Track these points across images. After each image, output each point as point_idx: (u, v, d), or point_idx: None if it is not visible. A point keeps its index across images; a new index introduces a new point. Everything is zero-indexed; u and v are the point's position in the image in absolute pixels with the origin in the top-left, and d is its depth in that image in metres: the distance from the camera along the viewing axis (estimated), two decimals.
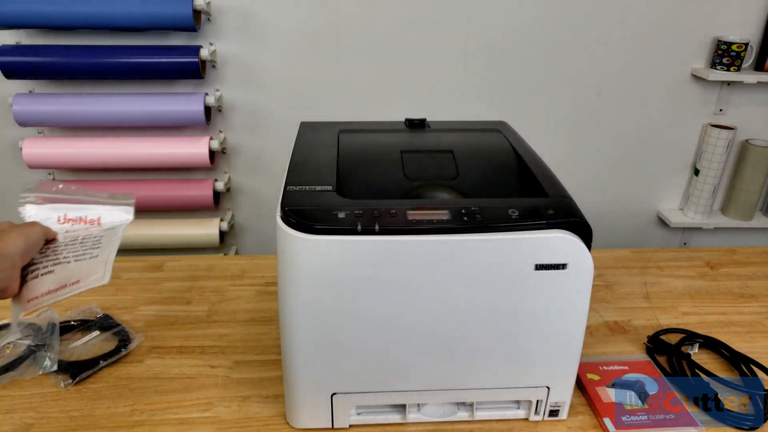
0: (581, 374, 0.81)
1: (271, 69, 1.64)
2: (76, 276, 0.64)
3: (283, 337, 0.70)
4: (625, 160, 1.80)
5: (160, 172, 1.74)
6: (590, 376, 0.83)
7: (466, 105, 1.70)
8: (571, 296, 0.67)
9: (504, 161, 0.84)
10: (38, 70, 1.55)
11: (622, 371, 0.84)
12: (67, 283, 0.63)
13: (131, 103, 1.59)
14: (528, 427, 0.77)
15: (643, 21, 1.62)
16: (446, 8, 1.58)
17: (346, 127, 0.93)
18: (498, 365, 0.72)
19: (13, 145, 1.67)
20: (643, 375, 0.83)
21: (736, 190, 1.78)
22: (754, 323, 1.00)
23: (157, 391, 0.82)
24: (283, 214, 0.64)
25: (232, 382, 0.84)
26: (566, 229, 0.64)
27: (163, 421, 0.77)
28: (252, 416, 0.78)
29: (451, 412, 0.78)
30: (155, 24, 1.50)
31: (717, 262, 1.20)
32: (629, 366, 0.86)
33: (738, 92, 1.70)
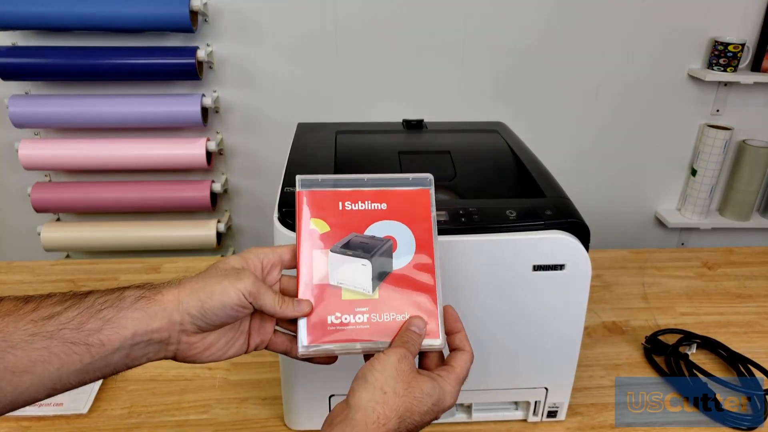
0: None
1: (269, 70, 1.63)
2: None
3: None
4: (623, 161, 1.80)
5: (157, 174, 1.73)
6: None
7: (463, 106, 1.70)
8: (569, 297, 0.67)
9: (501, 162, 0.84)
10: (34, 72, 1.55)
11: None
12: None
13: (128, 104, 1.58)
14: (526, 428, 0.77)
15: (639, 22, 1.62)
16: (444, 9, 1.58)
17: (343, 128, 0.93)
18: (496, 366, 0.72)
19: (9, 146, 1.67)
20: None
21: (734, 191, 1.79)
22: (751, 323, 1.00)
23: (155, 393, 0.82)
24: (281, 216, 0.64)
25: (229, 384, 0.84)
26: (564, 230, 0.64)
27: (160, 424, 0.77)
28: (250, 418, 0.78)
29: (449, 414, 0.78)
30: (152, 25, 1.49)
31: (714, 262, 1.20)
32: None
33: (735, 93, 1.71)
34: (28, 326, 0.42)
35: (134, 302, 0.45)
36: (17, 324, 0.42)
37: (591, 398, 0.82)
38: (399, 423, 0.45)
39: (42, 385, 0.43)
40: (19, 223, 1.78)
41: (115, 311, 0.45)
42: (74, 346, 0.43)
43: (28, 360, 0.41)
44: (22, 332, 0.42)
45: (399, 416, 0.45)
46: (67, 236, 1.69)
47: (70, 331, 0.43)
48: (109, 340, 0.44)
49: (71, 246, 1.72)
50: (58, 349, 0.42)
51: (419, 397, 0.46)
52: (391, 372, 0.46)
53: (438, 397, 0.47)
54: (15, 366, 0.41)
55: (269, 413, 0.79)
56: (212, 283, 0.47)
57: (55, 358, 0.42)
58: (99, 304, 0.45)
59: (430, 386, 0.47)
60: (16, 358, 0.41)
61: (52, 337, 0.42)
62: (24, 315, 0.43)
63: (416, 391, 0.46)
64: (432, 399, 0.47)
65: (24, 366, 0.41)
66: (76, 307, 0.44)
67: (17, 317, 0.43)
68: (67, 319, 0.43)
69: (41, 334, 0.42)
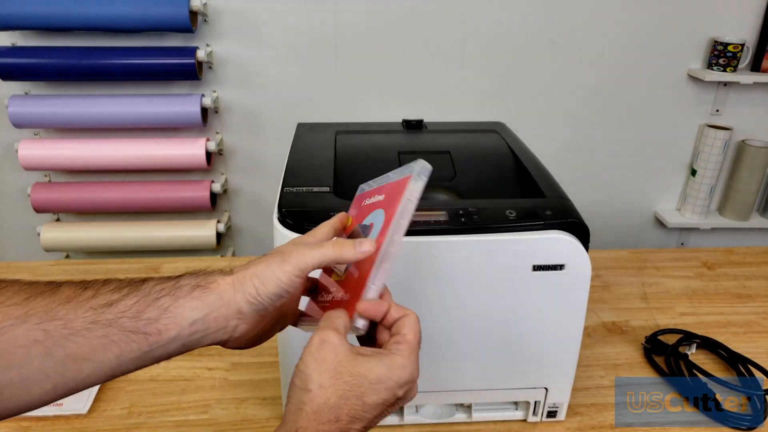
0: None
1: (268, 70, 1.63)
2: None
3: (280, 338, 0.70)
4: (622, 161, 1.80)
5: (156, 174, 1.73)
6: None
7: (463, 106, 1.70)
8: (569, 297, 0.67)
9: (501, 162, 0.84)
10: (34, 72, 1.54)
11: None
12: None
13: (127, 104, 1.58)
14: (526, 429, 0.77)
15: (639, 22, 1.62)
16: (443, 9, 1.58)
17: (343, 128, 0.93)
18: (496, 366, 0.72)
19: (8, 146, 1.67)
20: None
21: (733, 191, 1.79)
22: (751, 323, 1.00)
23: (155, 394, 0.82)
24: (280, 216, 0.64)
25: (229, 385, 0.84)
26: (563, 230, 0.64)
27: (160, 424, 0.77)
28: (249, 418, 0.78)
29: (448, 414, 0.78)
30: (151, 25, 1.49)
31: (714, 262, 1.20)
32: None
33: (734, 93, 1.71)
34: (88, 314, 0.43)
35: (191, 291, 0.46)
36: (77, 311, 0.43)
37: (591, 398, 0.82)
38: (333, 412, 0.42)
39: (102, 372, 0.43)
40: (19, 223, 1.78)
41: (172, 300, 0.45)
42: (132, 334, 0.44)
43: (88, 347, 0.42)
44: (83, 320, 0.43)
45: (330, 407, 0.42)
46: (67, 236, 1.69)
47: (129, 319, 0.44)
48: (167, 329, 0.44)
49: (71, 246, 1.72)
50: (117, 337, 0.43)
51: (351, 381, 0.43)
52: (312, 365, 0.43)
53: (385, 374, 0.44)
54: (76, 353, 0.42)
55: (269, 413, 0.79)
56: (263, 268, 0.47)
57: (114, 345, 0.43)
58: (156, 292, 0.45)
59: (366, 364, 0.44)
60: (77, 345, 0.42)
61: (111, 325, 0.43)
62: (83, 302, 0.43)
63: (345, 376, 0.43)
64: (373, 377, 0.44)
65: (84, 353, 0.42)
66: (133, 294, 0.45)
67: (77, 304, 0.43)
68: (126, 307, 0.44)
69: (101, 322, 0.43)
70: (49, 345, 0.41)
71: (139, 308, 0.44)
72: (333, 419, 0.42)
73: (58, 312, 0.42)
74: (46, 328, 0.42)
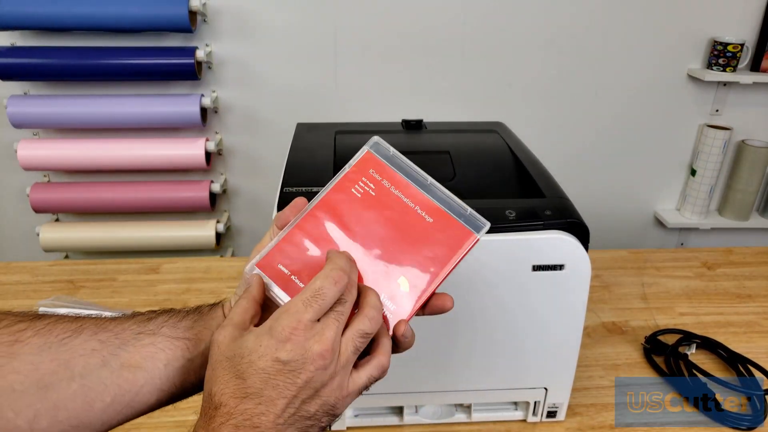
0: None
1: (268, 70, 1.63)
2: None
3: None
4: (622, 161, 1.80)
5: (156, 174, 1.73)
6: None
7: (462, 106, 1.70)
8: (569, 297, 0.67)
9: (501, 162, 0.84)
10: (33, 72, 1.54)
11: None
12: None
13: (127, 104, 1.58)
14: (526, 429, 0.77)
15: (639, 22, 1.62)
16: (443, 9, 1.58)
17: (342, 128, 0.93)
18: (495, 366, 0.72)
19: (8, 146, 1.67)
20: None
21: (733, 191, 1.79)
22: (751, 323, 1.00)
23: None
24: None
25: None
26: (563, 230, 0.64)
27: (159, 424, 0.76)
28: None
29: (448, 414, 0.78)
30: (151, 25, 1.49)
31: (714, 262, 1.20)
32: None
33: (734, 93, 1.71)
34: (133, 326, 0.47)
35: (209, 310, 0.50)
36: (123, 325, 0.47)
37: (590, 398, 0.82)
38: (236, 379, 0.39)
39: (153, 385, 0.46)
40: (18, 223, 1.78)
41: (198, 315, 0.50)
42: (175, 340, 0.47)
43: (139, 356, 0.45)
44: (129, 331, 0.46)
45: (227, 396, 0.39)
46: (66, 237, 1.69)
47: (169, 328, 0.47)
48: (202, 335, 0.48)
49: (70, 246, 1.72)
50: (162, 345, 0.46)
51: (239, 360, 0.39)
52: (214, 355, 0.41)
53: (254, 339, 0.40)
54: (130, 362, 0.45)
55: None
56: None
57: (161, 353, 0.46)
58: (183, 312, 0.50)
59: (245, 339, 0.40)
60: (129, 354, 0.45)
61: (155, 334, 0.47)
62: (125, 320, 0.48)
63: (223, 362, 0.40)
64: (248, 349, 0.40)
65: (137, 362, 0.45)
66: (166, 314, 0.49)
67: (120, 321, 0.47)
68: (163, 320, 0.48)
69: (146, 332, 0.47)
70: (106, 354, 0.44)
71: (174, 320, 0.48)
72: (213, 406, 0.39)
73: (107, 326, 0.46)
74: (101, 338, 0.45)
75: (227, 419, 0.38)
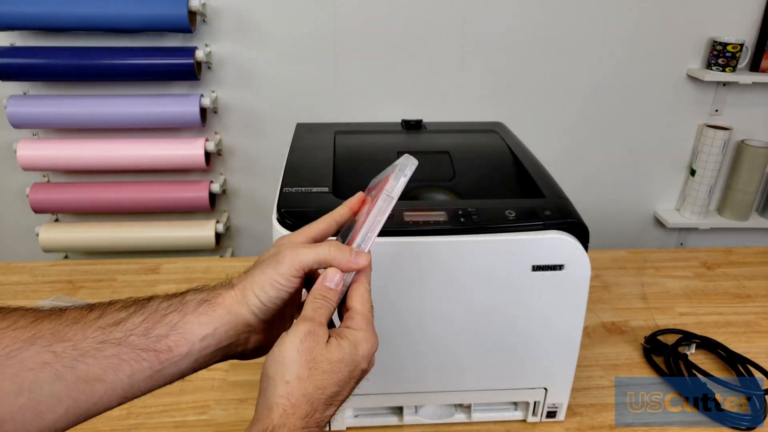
0: None
1: (267, 70, 1.63)
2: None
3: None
4: (622, 161, 1.80)
5: (155, 174, 1.73)
6: None
7: (462, 106, 1.70)
8: (568, 297, 0.67)
9: (500, 162, 0.84)
10: (33, 72, 1.54)
11: None
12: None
13: (126, 104, 1.58)
14: (525, 429, 0.77)
15: (638, 22, 1.62)
16: (442, 9, 1.58)
17: (342, 129, 0.92)
18: (495, 366, 0.72)
19: (7, 147, 1.66)
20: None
21: (732, 191, 1.79)
22: (750, 323, 1.00)
23: (153, 394, 0.81)
24: (279, 216, 0.64)
25: (228, 385, 0.84)
26: (563, 230, 0.64)
27: (159, 425, 0.76)
28: (249, 419, 0.77)
29: (448, 414, 0.78)
30: (150, 25, 1.49)
31: (714, 262, 1.20)
32: None
33: (733, 93, 1.71)
34: (96, 333, 0.42)
35: (197, 306, 0.46)
36: (85, 332, 0.42)
37: (590, 398, 0.82)
38: (310, 404, 0.42)
39: (114, 394, 0.43)
40: (18, 223, 1.78)
41: (179, 316, 0.45)
42: (143, 352, 0.43)
43: (99, 368, 0.42)
44: (91, 340, 0.42)
45: (309, 399, 0.41)
46: (66, 237, 1.69)
47: (138, 337, 0.43)
48: (177, 346, 0.44)
49: (70, 247, 1.72)
50: (127, 356, 0.43)
51: (329, 369, 0.42)
52: (293, 357, 0.42)
53: (350, 354, 0.43)
54: (87, 374, 0.41)
55: None
56: (258, 274, 0.47)
57: (125, 365, 0.42)
58: (163, 309, 0.45)
59: (338, 350, 0.43)
60: (87, 366, 0.41)
61: (120, 344, 0.43)
62: (90, 322, 0.43)
63: (324, 364, 0.42)
64: (344, 361, 0.43)
65: (96, 374, 0.42)
66: (140, 312, 0.44)
67: (84, 325, 0.43)
68: (134, 325, 0.43)
69: (110, 342, 0.42)
70: (59, 367, 0.41)
71: (147, 326, 0.44)
72: (310, 412, 0.41)
73: (66, 333, 0.42)
74: (55, 350, 0.41)
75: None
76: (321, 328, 0.44)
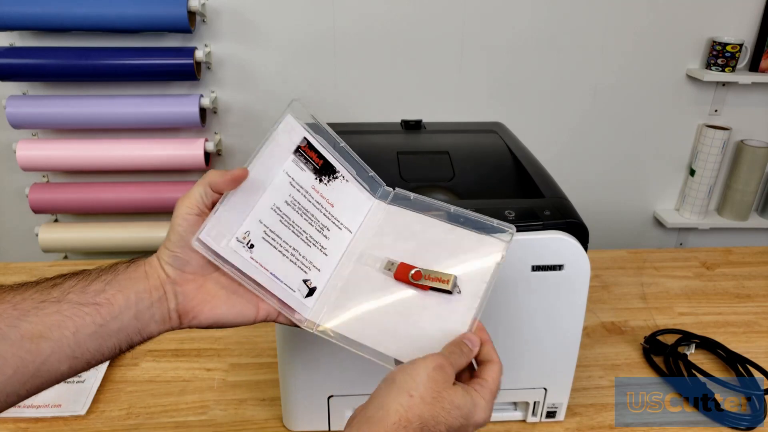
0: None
1: (267, 70, 1.63)
2: None
3: (279, 339, 0.69)
4: (621, 161, 1.80)
5: (155, 174, 1.73)
6: None
7: (461, 106, 1.70)
8: (568, 297, 0.67)
9: (500, 162, 0.84)
10: (32, 72, 1.54)
11: None
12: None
13: (126, 105, 1.58)
14: (525, 429, 0.77)
15: (638, 22, 1.62)
16: (442, 9, 1.58)
17: (342, 129, 0.92)
18: None
19: (6, 147, 1.66)
20: None
21: (732, 191, 1.79)
22: (750, 323, 1.00)
23: (153, 395, 0.81)
24: None
25: (228, 386, 0.84)
26: (562, 230, 0.64)
27: (158, 425, 0.76)
28: (248, 419, 0.78)
29: None
30: (149, 25, 1.49)
31: (713, 262, 1.20)
32: None
33: (733, 93, 1.71)
34: (36, 295, 0.45)
35: (126, 268, 0.50)
36: (23, 294, 0.44)
37: (590, 398, 0.82)
38: (421, 429, 0.43)
39: (62, 353, 0.44)
40: (17, 224, 1.78)
41: (112, 275, 0.48)
42: (83, 306, 0.45)
43: (43, 325, 0.43)
44: (31, 300, 0.44)
45: (422, 422, 0.43)
46: (65, 237, 1.69)
47: (76, 294, 0.46)
48: (115, 299, 0.47)
49: (69, 247, 1.72)
50: (69, 312, 0.44)
51: (448, 408, 0.45)
52: (423, 378, 0.44)
53: (469, 410, 0.46)
54: (31, 333, 0.43)
55: (268, 414, 0.79)
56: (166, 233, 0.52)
57: (68, 320, 0.44)
58: (95, 273, 0.48)
59: (462, 398, 0.46)
60: (31, 324, 0.43)
61: (60, 302, 0.45)
62: (28, 288, 0.46)
63: (446, 402, 0.45)
64: (462, 411, 0.45)
65: (39, 331, 0.43)
66: (75, 278, 0.47)
67: (22, 290, 0.45)
68: (70, 286, 0.46)
69: (50, 300, 0.44)
70: (2, 326, 0.42)
71: (83, 285, 0.46)
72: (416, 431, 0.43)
73: (5, 297, 0.44)
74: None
75: None
76: (451, 370, 0.47)
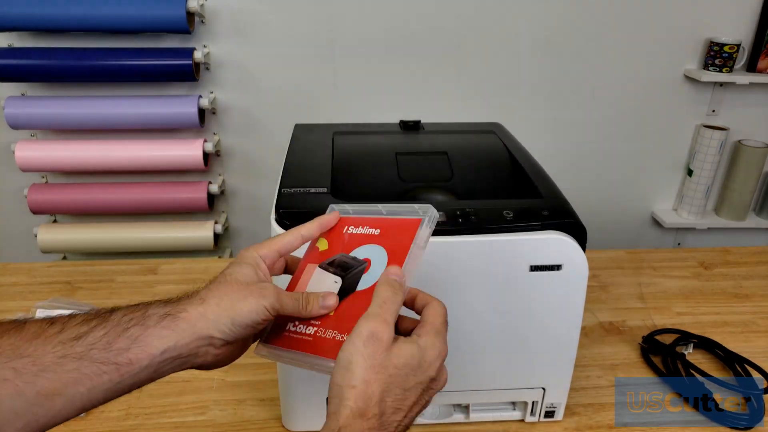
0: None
1: (266, 71, 1.63)
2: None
3: None
4: (619, 161, 1.80)
5: (154, 175, 1.73)
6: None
7: (460, 107, 1.70)
8: (566, 297, 0.67)
9: (498, 162, 0.84)
10: (30, 73, 1.54)
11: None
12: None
13: (124, 105, 1.58)
14: (524, 429, 0.77)
15: (636, 22, 1.62)
16: (441, 10, 1.59)
17: (340, 129, 0.93)
18: (493, 367, 0.72)
19: (5, 148, 1.66)
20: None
21: (729, 191, 1.79)
22: (747, 323, 1.01)
23: (152, 395, 0.81)
24: (278, 217, 0.64)
25: (227, 386, 0.84)
26: (561, 230, 0.64)
27: (158, 425, 0.76)
28: (247, 419, 0.78)
29: (446, 414, 0.78)
30: (148, 26, 1.49)
31: (711, 262, 1.20)
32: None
33: (730, 93, 1.71)
34: (57, 348, 0.42)
35: (160, 320, 0.46)
36: (46, 347, 0.42)
37: (588, 398, 0.83)
38: (380, 408, 0.42)
39: (73, 406, 0.43)
40: (16, 224, 1.78)
41: (141, 329, 0.45)
42: (104, 366, 0.43)
43: (60, 383, 0.42)
44: (52, 355, 0.42)
45: (377, 402, 0.42)
46: (64, 238, 1.69)
47: (99, 351, 0.43)
48: (138, 359, 0.44)
49: (68, 247, 1.72)
50: (88, 370, 0.42)
51: (395, 373, 0.43)
52: (357, 362, 0.42)
53: (419, 359, 0.44)
54: (48, 389, 0.41)
55: (267, 414, 0.79)
56: (238, 300, 0.47)
57: (86, 378, 0.42)
58: (125, 322, 0.45)
59: (407, 350, 0.44)
60: (48, 381, 0.41)
61: (81, 358, 0.42)
62: (51, 337, 0.43)
63: (390, 369, 0.43)
64: (411, 364, 0.44)
65: (56, 389, 0.42)
66: (102, 326, 0.44)
67: (45, 340, 0.43)
68: (95, 339, 0.43)
69: (71, 356, 0.42)
70: (19, 383, 0.40)
71: (108, 339, 0.44)
72: (378, 413, 0.42)
73: (26, 349, 0.42)
74: (15, 366, 0.41)
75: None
76: (386, 327, 0.44)
